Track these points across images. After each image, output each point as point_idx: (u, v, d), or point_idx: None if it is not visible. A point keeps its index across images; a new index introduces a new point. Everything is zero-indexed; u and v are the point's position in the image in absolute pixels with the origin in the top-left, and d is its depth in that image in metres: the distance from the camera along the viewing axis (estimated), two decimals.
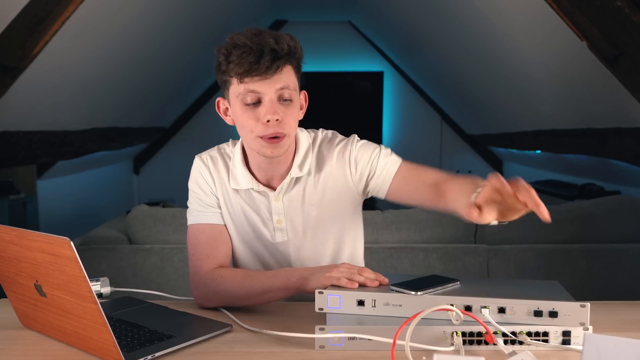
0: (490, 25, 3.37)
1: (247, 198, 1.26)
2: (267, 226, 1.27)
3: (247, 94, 1.11)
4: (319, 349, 0.96)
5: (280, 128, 1.13)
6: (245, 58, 1.07)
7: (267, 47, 1.08)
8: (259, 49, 1.07)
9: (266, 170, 1.24)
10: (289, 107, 1.14)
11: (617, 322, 1.11)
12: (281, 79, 1.11)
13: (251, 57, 1.07)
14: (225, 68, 1.12)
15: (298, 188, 1.25)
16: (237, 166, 1.25)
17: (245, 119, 1.14)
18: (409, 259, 2.42)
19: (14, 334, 1.06)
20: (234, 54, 1.09)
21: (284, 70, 1.11)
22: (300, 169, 1.24)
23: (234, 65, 1.09)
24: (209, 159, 1.29)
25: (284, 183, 1.23)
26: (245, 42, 1.08)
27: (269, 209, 1.26)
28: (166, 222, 2.47)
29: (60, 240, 0.83)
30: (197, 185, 1.28)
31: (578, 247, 2.44)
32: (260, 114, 1.12)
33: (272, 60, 1.08)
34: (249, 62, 1.07)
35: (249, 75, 1.09)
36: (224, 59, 1.11)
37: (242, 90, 1.11)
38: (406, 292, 0.98)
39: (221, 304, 1.19)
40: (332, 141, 1.29)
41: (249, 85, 1.10)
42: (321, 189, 1.26)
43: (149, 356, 0.92)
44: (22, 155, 3.33)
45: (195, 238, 1.25)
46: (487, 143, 6.16)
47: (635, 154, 2.81)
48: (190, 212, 1.28)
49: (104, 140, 4.57)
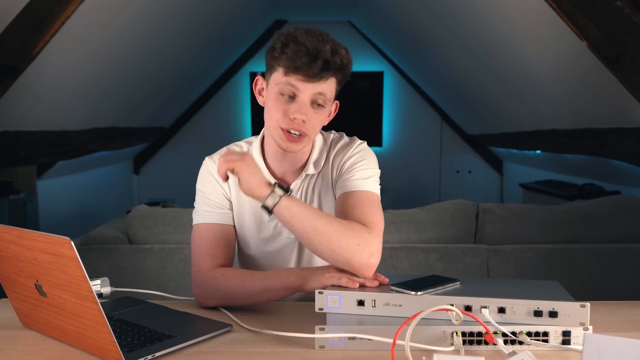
0: (491, 25, 3.37)
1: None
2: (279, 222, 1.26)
3: (286, 86, 1.15)
4: (319, 349, 0.96)
5: (303, 127, 1.16)
6: (299, 56, 1.11)
7: (322, 55, 1.11)
8: (314, 53, 1.11)
9: (282, 163, 1.27)
10: (318, 112, 1.18)
11: (617, 322, 1.11)
12: (321, 86, 1.15)
13: (305, 58, 1.11)
14: (277, 55, 1.14)
15: (310, 184, 1.29)
16: (256, 159, 1.27)
17: (276, 108, 1.17)
18: (409, 259, 2.42)
19: (14, 334, 1.06)
20: (291, 48, 1.12)
21: (328, 80, 1.15)
22: (315, 167, 1.28)
23: (286, 57, 1.12)
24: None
25: (298, 180, 1.27)
26: (305, 41, 1.11)
27: None
28: (166, 222, 2.47)
29: (61, 240, 0.83)
30: (206, 184, 1.28)
31: (578, 247, 2.44)
32: (290, 109, 1.15)
33: (321, 68, 1.12)
34: (301, 61, 1.11)
35: (295, 72, 1.12)
36: (279, 47, 1.14)
37: (284, 82, 1.14)
38: (406, 292, 0.98)
39: (221, 303, 1.19)
40: (337, 141, 1.32)
41: (291, 80, 1.14)
42: (319, 188, 1.29)
43: (149, 356, 0.92)
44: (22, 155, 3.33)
45: (201, 237, 1.25)
46: (487, 143, 6.17)
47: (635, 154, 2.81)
48: (197, 211, 1.28)
49: (104, 140, 4.57)
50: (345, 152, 1.27)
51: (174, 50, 4.52)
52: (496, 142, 5.66)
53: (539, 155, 4.89)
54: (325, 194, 1.29)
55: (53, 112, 3.45)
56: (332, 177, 1.29)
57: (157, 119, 5.92)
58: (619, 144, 2.94)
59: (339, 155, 1.28)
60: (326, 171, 1.29)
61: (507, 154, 6.14)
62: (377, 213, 1.17)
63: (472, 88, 4.87)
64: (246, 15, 5.46)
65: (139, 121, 5.30)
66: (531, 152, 5.00)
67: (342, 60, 1.14)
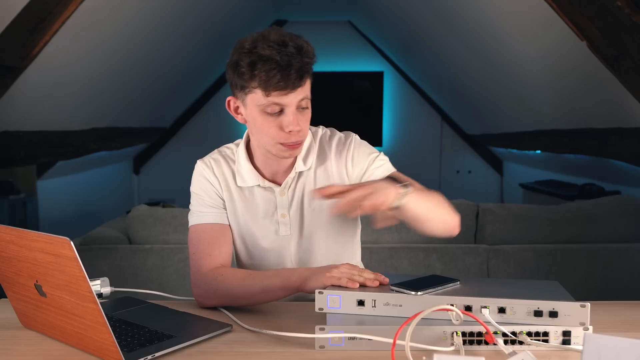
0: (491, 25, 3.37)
1: (252, 194, 1.29)
2: (272, 220, 1.29)
3: (270, 106, 1.14)
4: (319, 349, 0.96)
5: (300, 137, 1.18)
6: (272, 74, 1.09)
7: (294, 64, 1.10)
8: (285, 64, 1.09)
9: (272, 166, 1.28)
10: (304, 114, 1.19)
11: (617, 322, 1.11)
12: (302, 91, 1.15)
13: (279, 74, 1.09)
14: (247, 77, 1.13)
15: (301, 182, 1.29)
16: (243, 164, 1.29)
17: (267, 126, 1.17)
18: (409, 259, 2.42)
19: (14, 334, 1.06)
20: (260, 67, 1.10)
21: (306, 83, 1.16)
22: (305, 163, 1.28)
23: (259, 79, 1.11)
24: (212, 161, 1.31)
25: (289, 178, 1.27)
26: (272, 55, 1.09)
27: (275, 203, 1.29)
28: (166, 222, 2.47)
29: (61, 240, 0.83)
30: (200, 187, 1.30)
31: (578, 247, 2.44)
32: (283, 123, 1.16)
33: (298, 78, 1.11)
34: (277, 78, 1.10)
35: (275, 89, 1.11)
36: (247, 69, 1.12)
37: (266, 102, 1.14)
38: (406, 292, 0.98)
39: (221, 303, 1.19)
40: (331, 138, 1.33)
41: (273, 99, 1.13)
42: (321, 184, 1.29)
43: (149, 356, 0.92)
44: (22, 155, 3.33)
45: (197, 237, 1.26)
46: (487, 143, 6.17)
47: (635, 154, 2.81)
48: (192, 213, 1.29)
49: (104, 140, 4.57)
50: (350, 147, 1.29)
51: (173, 50, 4.52)
52: (496, 142, 5.66)
53: (539, 155, 4.89)
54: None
55: (53, 112, 3.45)
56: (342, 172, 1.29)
57: (157, 119, 5.92)
58: (619, 144, 2.94)
59: (344, 151, 1.29)
60: (329, 167, 1.30)
61: (507, 154, 6.14)
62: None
63: (472, 88, 4.87)
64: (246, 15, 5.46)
65: (139, 121, 5.30)
66: (531, 152, 5.00)
67: (310, 58, 1.14)
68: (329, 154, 1.30)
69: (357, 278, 1.04)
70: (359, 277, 1.04)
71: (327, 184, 1.28)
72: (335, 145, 1.31)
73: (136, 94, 4.57)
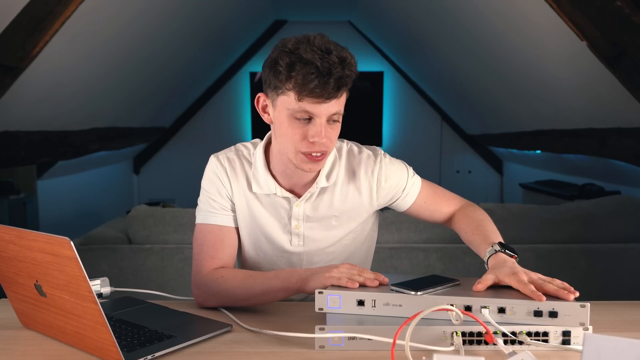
0: (490, 25, 3.37)
1: (266, 202, 1.26)
2: (285, 231, 1.27)
3: (300, 112, 1.10)
4: (319, 349, 0.96)
5: (324, 147, 1.13)
6: (310, 79, 1.05)
7: (334, 73, 1.05)
8: (325, 72, 1.05)
9: (291, 177, 1.24)
10: (334, 127, 1.15)
11: (617, 322, 1.11)
12: (337, 104, 1.11)
13: (316, 80, 1.05)
14: (284, 77, 1.08)
15: (322, 197, 1.26)
16: (260, 171, 1.25)
17: (292, 132, 1.12)
18: (409, 259, 2.42)
19: (14, 334, 1.06)
20: (298, 69, 1.06)
21: (342, 96, 1.12)
22: (328, 179, 1.25)
23: (295, 82, 1.07)
24: (227, 160, 1.27)
25: (309, 191, 1.24)
26: (313, 60, 1.05)
27: (289, 214, 1.26)
28: (166, 222, 2.47)
29: (60, 240, 0.83)
30: (211, 185, 1.27)
31: (578, 247, 2.44)
32: (309, 133, 1.11)
33: (336, 88, 1.07)
34: (314, 84, 1.05)
35: (310, 96, 1.07)
36: (284, 68, 1.07)
37: (297, 107, 1.09)
38: (406, 292, 0.98)
39: (221, 304, 1.19)
40: (360, 154, 1.29)
41: (305, 105, 1.09)
42: (344, 200, 1.27)
43: (149, 356, 0.92)
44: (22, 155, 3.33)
45: (203, 237, 1.25)
46: (487, 143, 6.16)
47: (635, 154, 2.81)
48: (200, 210, 1.27)
49: (104, 140, 4.57)
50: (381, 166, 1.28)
51: (173, 50, 4.52)
52: (496, 142, 5.66)
53: (539, 155, 4.89)
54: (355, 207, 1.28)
55: (53, 112, 3.45)
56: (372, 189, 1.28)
57: (157, 119, 5.92)
58: (619, 144, 2.94)
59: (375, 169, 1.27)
60: (359, 184, 1.27)
61: (507, 154, 6.14)
62: (443, 190, 1.38)
63: (472, 88, 4.87)
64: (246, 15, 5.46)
65: (139, 121, 5.30)
66: (531, 152, 5.00)
67: (352, 71, 1.09)
68: (358, 171, 1.27)
69: (357, 278, 1.04)
70: (358, 277, 1.04)
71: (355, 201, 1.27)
72: (364, 161, 1.27)
73: (136, 94, 4.57)
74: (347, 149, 1.30)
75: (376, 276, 1.05)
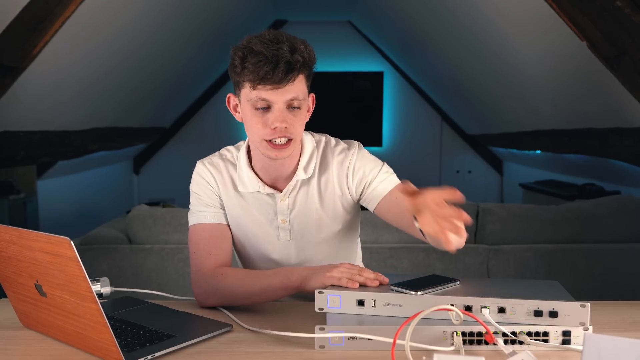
0: (490, 25, 3.37)
1: (252, 200, 1.29)
2: (272, 226, 1.29)
3: (258, 101, 1.14)
4: (319, 349, 0.96)
5: (286, 133, 1.16)
6: (259, 67, 1.10)
7: (282, 58, 1.10)
8: (274, 59, 1.09)
9: (271, 172, 1.27)
10: (296, 114, 1.18)
11: (617, 322, 1.11)
12: (292, 90, 1.14)
13: (266, 67, 1.10)
14: (239, 71, 1.14)
15: (303, 190, 1.28)
16: (244, 169, 1.28)
17: (254, 122, 1.17)
18: (409, 259, 2.42)
19: (14, 334, 1.06)
20: (250, 60, 1.11)
21: (295, 80, 1.14)
22: (305, 171, 1.27)
23: (248, 71, 1.12)
24: (211, 164, 1.31)
25: (289, 185, 1.27)
26: (262, 49, 1.10)
27: (275, 209, 1.28)
28: (166, 222, 2.47)
29: (61, 240, 0.83)
30: (199, 186, 1.30)
31: (578, 247, 2.44)
32: (269, 120, 1.15)
33: (285, 72, 1.11)
34: (264, 71, 1.10)
35: (261, 83, 1.12)
36: (239, 62, 1.13)
37: (254, 97, 1.14)
38: (406, 292, 0.98)
39: (221, 303, 1.19)
40: (335, 147, 1.31)
41: (260, 93, 1.13)
42: (322, 192, 1.29)
43: (149, 356, 0.92)
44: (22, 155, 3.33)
45: (198, 236, 1.26)
46: (487, 143, 6.16)
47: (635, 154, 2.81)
48: (192, 212, 1.30)
49: (104, 140, 4.57)
50: (352, 158, 1.28)
51: (173, 50, 4.52)
52: (496, 142, 5.66)
53: (539, 155, 4.89)
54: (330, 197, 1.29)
55: (53, 112, 3.45)
56: (342, 182, 1.28)
57: (157, 119, 5.92)
58: (619, 144, 2.94)
59: (346, 161, 1.28)
60: (330, 176, 1.29)
61: (507, 154, 6.14)
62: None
63: (472, 88, 4.87)
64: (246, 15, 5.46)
65: (139, 121, 5.29)
66: (531, 152, 5.00)
67: (303, 56, 1.13)
68: (331, 163, 1.29)
69: (357, 278, 1.04)
70: (359, 277, 1.04)
71: (328, 194, 1.28)
72: (338, 154, 1.29)
73: (136, 94, 4.57)
74: (325, 141, 1.33)
75: (376, 276, 1.05)
